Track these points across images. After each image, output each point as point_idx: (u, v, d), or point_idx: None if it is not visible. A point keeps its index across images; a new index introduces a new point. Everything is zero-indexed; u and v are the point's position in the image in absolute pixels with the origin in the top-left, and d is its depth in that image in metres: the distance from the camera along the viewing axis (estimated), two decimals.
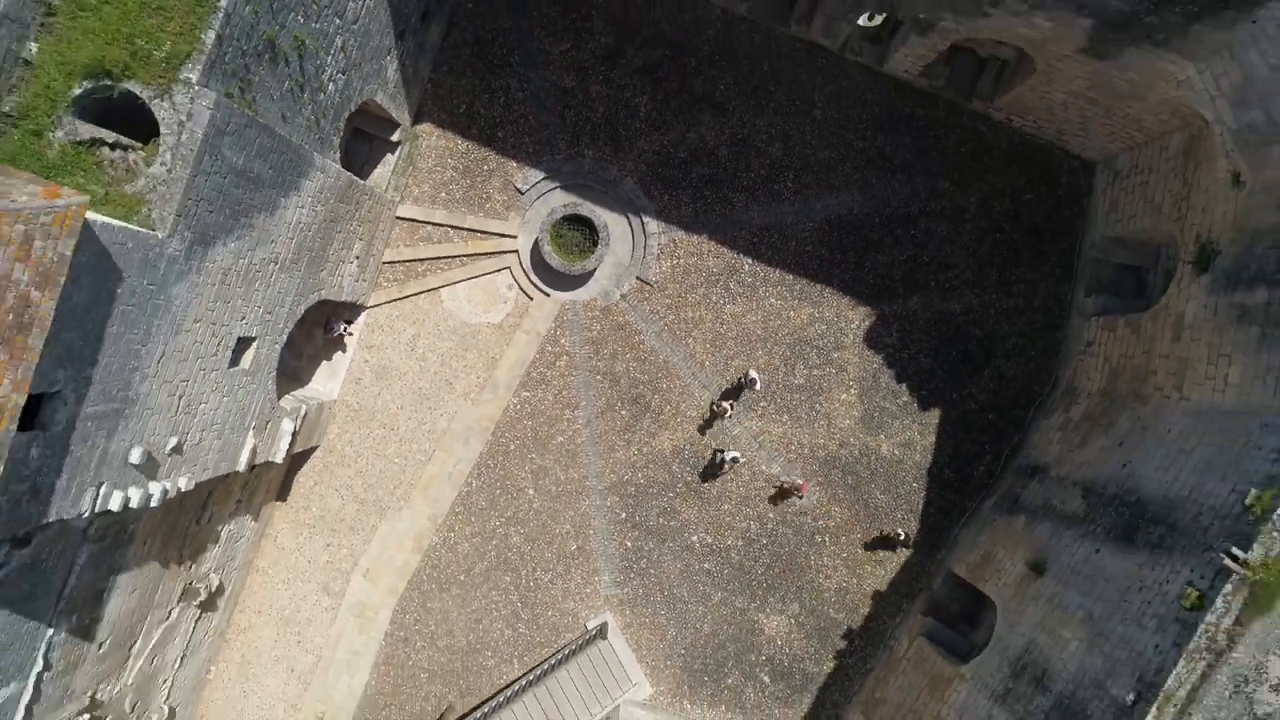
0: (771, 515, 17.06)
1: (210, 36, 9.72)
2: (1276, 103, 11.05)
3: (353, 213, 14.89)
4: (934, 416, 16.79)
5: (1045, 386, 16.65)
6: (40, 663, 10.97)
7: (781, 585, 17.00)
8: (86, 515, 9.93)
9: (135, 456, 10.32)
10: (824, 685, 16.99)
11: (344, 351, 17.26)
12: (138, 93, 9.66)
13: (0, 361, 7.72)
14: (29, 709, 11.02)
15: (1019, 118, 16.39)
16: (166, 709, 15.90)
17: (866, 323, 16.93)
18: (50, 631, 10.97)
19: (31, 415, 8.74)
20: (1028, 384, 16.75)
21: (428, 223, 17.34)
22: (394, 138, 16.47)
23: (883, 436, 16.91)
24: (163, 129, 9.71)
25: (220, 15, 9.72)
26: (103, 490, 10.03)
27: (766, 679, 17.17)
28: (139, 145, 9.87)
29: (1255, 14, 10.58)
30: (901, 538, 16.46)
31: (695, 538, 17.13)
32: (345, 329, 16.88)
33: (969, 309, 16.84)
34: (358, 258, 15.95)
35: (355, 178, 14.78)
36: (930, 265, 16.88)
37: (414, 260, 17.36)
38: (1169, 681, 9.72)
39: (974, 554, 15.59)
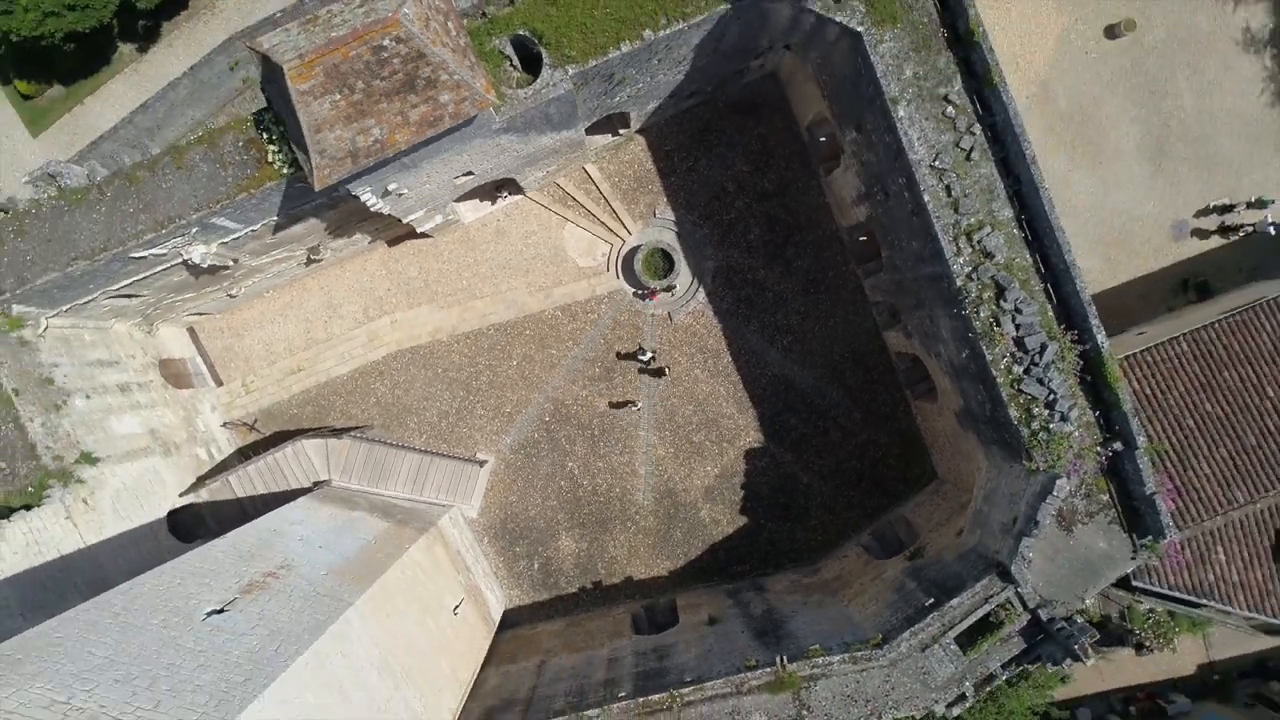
0: (618, 488, 25.25)
1: (592, 63, 17.66)
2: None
3: (566, 153, 22.86)
4: (739, 519, 25.10)
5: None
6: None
7: (590, 525, 25.23)
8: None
9: (392, 188, 18.22)
10: (563, 595, 25.25)
11: (492, 205, 25.22)
12: (544, 57, 17.57)
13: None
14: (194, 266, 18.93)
15: (922, 420, 24.73)
16: (240, 289, 23.77)
17: (754, 445, 25.20)
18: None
19: None
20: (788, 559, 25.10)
21: (594, 183, 25.34)
22: (620, 131, 24.44)
23: (708, 505, 25.19)
24: (539, 80, 17.61)
25: (607, 58, 17.65)
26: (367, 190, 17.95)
27: (536, 567, 25.39)
28: (523, 74, 17.77)
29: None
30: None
31: (571, 464, 25.32)
32: (506, 195, 24.85)
33: (806, 488, 25.14)
34: (548, 171, 23.93)
35: (585, 137, 22.73)
36: (811, 444, 25.16)
37: (570, 194, 25.32)
38: None
39: None
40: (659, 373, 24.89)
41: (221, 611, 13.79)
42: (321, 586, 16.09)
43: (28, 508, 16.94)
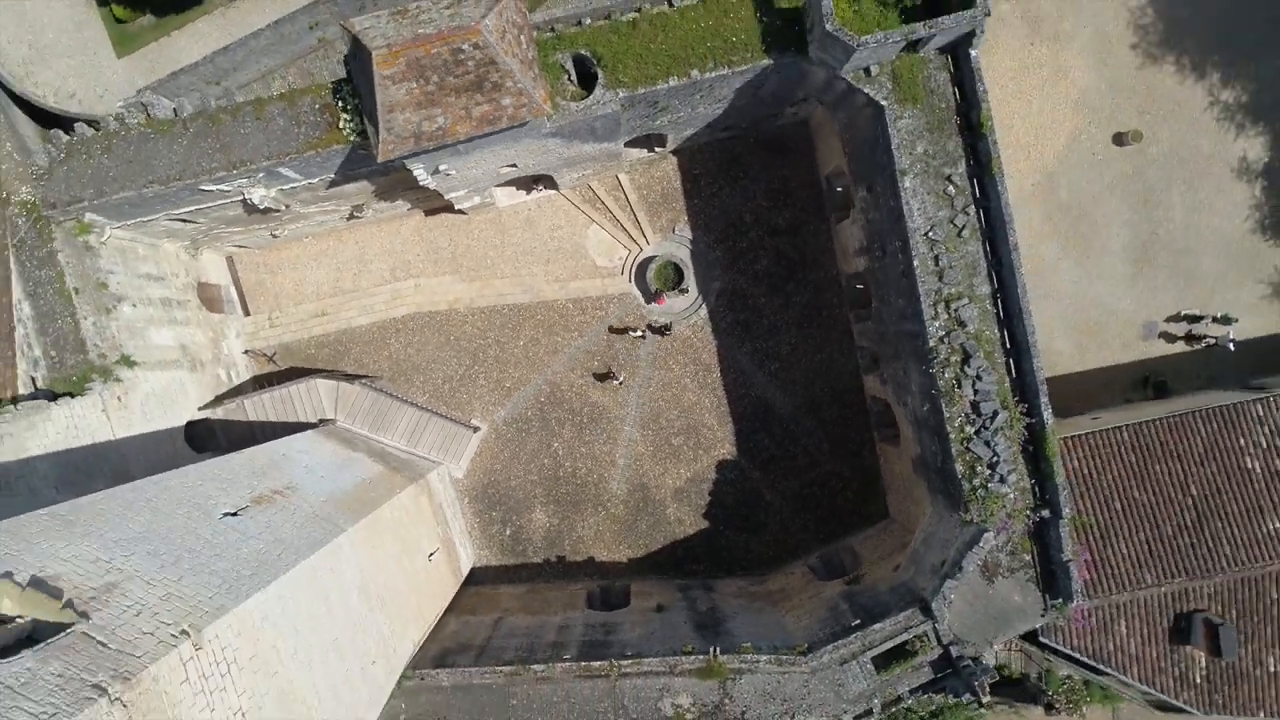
0: (596, 474, 27.18)
1: (641, 90, 19.55)
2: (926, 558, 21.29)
3: (603, 161, 24.77)
4: (702, 523, 27.06)
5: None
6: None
7: (564, 503, 27.17)
8: None
9: (443, 168, 20.12)
10: (528, 563, 27.19)
11: (527, 195, 27.12)
12: (600, 78, 19.47)
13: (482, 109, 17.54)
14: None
15: (883, 461, 26.69)
16: (283, 231, 25.65)
17: (727, 457, 27.15)
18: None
19: None
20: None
21: (624, 191, 27.25)
22: (656, 149, 26.35)
23: (676, 504, 27.14)
24: (592, 97, 19.52)
25: (655, 88, 19.54)
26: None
27: (508, 533, 27.33)
28: (578, 89, 19.68)
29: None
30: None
31: (556, 444, 27.25)
32: (541, 188, 26.76)
33: (767, 505, 27.08)
34: (584, 174, 25.84)
35: (623, 149, 24.63)
36: (779, 465, 27.10)
37: (600, 198, 27.23)
38: None
39: None
40: (664, 330, 26.77)
41: (235, 515, 15.70)
42: (320, 511, 18.02)
43: (71, 395, 18.84)
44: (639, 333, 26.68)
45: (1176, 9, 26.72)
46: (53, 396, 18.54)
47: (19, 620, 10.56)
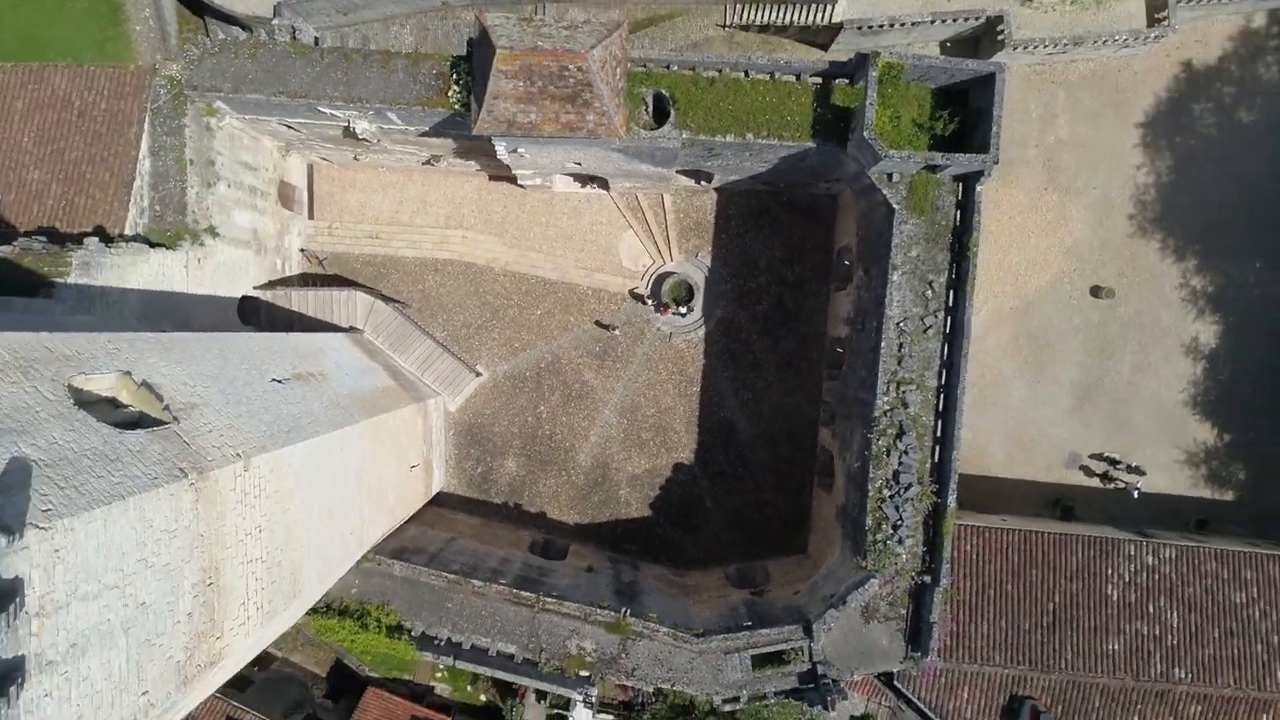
0: (568, 442, 30.64)
1: (702, 136, 23.00)
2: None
3: (655, 181, 28.22)
4: (647, 511, 30.54)
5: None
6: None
7: (534, 460, 30.62)
8: None
9: (520, 150, 23.54)
10: (490, 502, 30.63)
11: (580, 188, 30.56)
12: (671, 116, 22.90)
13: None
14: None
15: (816, 504, 30.20)
16: (366, 158, 29.01)
17: (685, 461, 30.64)
18: None
19: None
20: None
21: (664, 210, 30.71)
22: (702, 182, 29.83)
23: (629, 489, 30.60)
24: (660, 130, 22.94)
25: (714, 139, 23.00)
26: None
27: (479, 471, 30.75)
28: (650, 120, 23.12)
29: None
30: None
31: (543, 408, 30.72)
32: (594, 186, 30.22)
33: (707, 512, 30.57)
34: (634, 185, 29.31)
35: (672, 176, 28.09)
36: (727, 481, 30.60)
37: (642, 209, 30.67)
38: None
39: None
40: (610, 328, 30.49)
41: (280, 382, 19.11)
42: (341, 401, 21.44)
43: (165, 248, 22.21)
44: (617, 330, 30.21)
45: (1178, 195, 30.34)
46: (150, 244, 21.90)
47: (130, 408, 14.01)
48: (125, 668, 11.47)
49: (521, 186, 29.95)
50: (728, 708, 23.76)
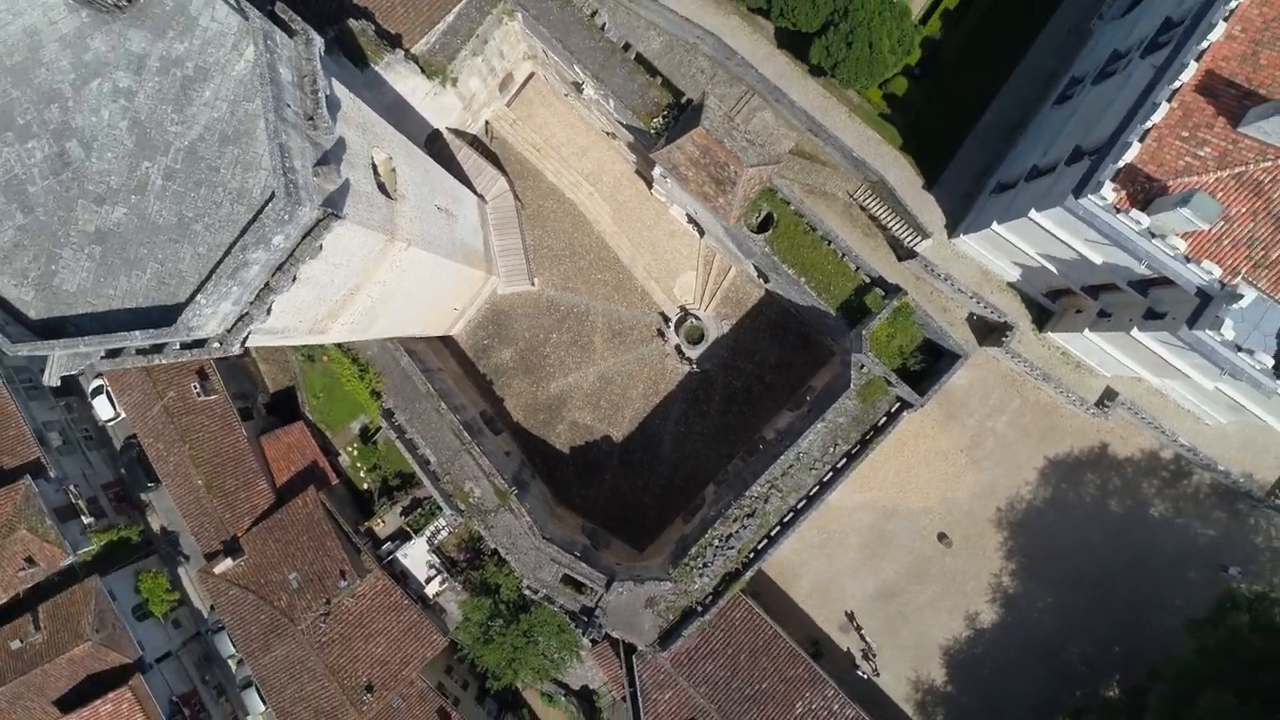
0: (552, 370, 39.29)
1: (777, 259, 31.75)
2: None
3: (732, 255, 36.98)
4: (566, 447, 39.23)
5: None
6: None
7: (522, 365, 39.25)
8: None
9: (666, 180, 32.26)
10: (481, 372, 39.26)
11: (684, 220, 39.27)
12: (768, 233, 31.62)
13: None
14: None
15: (673, 526, 38.96)
16: (574, 102, 37.65)
17: (614, 438, 39.32)
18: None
19: None
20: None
21: (724, 275, 39.44)
22: (760, 278, 38.60)
23: (566, 427, 39.28)
24: (756, 236, 31.69)
25: (783, 266, 31.78)
26: None
27: (483, 343, 39.32)
28: (755, 224, 31.84)
29: None
30: None
31: (555, 336, 39.34)
32: (694, 227, 38.95)
33: (601, 483, 39.26)
34: (718, 244, 38.09)
35: (746, 261, 36.83)
36: (632, 472, 39.33)
37: (710, 265, 39.36)
38: None
39: None
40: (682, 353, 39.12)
41: (438, 209, 27.71)
42: (454, 239, 30.07)
43: (424, 75, 30.78)
44: (668, 342, 38.96)
45: (1038, 520, 39.32)
46: (420, 69, 30.48)
47: (382, 181, 22.64)
48: (308, 302, 20.13)
49: (651, 192, 38.65)
50: (529, 594, 32.44)
